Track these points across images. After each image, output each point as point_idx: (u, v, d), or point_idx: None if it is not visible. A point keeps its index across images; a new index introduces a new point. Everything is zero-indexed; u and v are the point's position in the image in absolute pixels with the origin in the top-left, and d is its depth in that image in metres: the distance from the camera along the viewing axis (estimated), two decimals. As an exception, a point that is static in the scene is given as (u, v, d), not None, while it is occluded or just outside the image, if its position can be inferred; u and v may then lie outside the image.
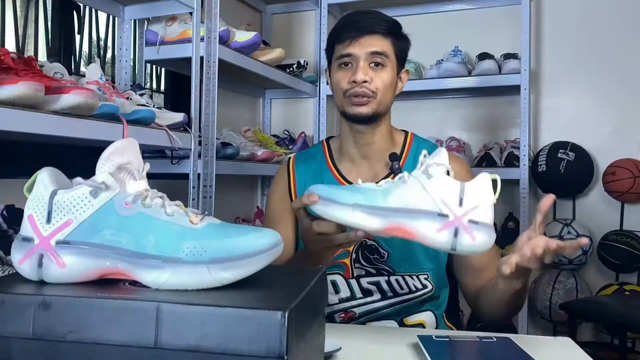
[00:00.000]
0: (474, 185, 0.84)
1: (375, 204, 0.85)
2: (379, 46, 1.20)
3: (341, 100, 1.23)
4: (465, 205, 0.82)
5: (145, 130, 1.51)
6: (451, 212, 0.82)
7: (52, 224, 0.64)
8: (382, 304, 1.22)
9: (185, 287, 0.61)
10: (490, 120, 2.91)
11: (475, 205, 0.82)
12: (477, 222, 0.82)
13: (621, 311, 2.17)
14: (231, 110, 2.71)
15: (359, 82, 1.19)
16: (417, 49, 2.82)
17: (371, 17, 1.23)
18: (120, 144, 0.66)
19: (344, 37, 1.21)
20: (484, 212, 0.83)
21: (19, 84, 1.07)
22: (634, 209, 2.70)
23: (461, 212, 0.82)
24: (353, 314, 1.24)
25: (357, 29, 1.20)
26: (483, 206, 0.83)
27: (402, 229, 0.85)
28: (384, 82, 1.21)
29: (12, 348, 0.56)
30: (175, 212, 0.64)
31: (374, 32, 1.20)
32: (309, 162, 1.33)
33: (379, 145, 1.26)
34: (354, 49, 1.20)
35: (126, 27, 1.91)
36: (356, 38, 1.20)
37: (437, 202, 0.83)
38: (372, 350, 0.93)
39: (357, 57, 1.20)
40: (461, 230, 0.82)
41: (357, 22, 1.21)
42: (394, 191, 0.86)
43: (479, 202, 0.83)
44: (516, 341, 0.90)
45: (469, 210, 0.82)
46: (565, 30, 2.80)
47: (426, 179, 0.85)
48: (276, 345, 0.51)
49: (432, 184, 0.84)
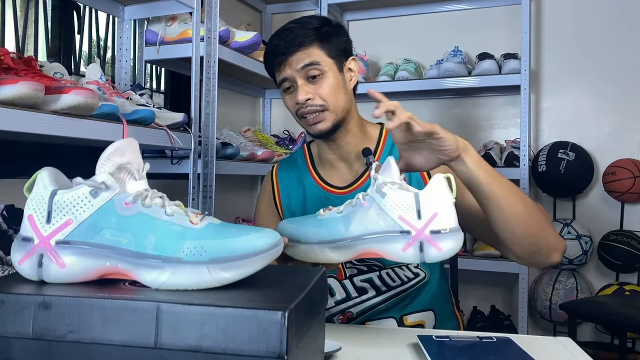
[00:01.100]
0: (429, 192, 0.81)
1: (338, 237, 0.85)
2: (305, 59, 1.17)
3: (299, 122, 1.23)
4: (424, 217, 0.80)
5: (145, 130, 1.51)
6: (412, 228, 0.80)
7: (52, 224, 0.64)
8: (378, 300, 1.22)
9: (185, 287, 0.61)
10: (490, 120, 2.92)
11: (434, 213, 0.80)
12: (439, 230, 0.80)
13: (621, 311, 2.17)
14: (231, 110, 2.72)
15: (302, 102, 1.17)
16: (417, 49, 2.86)
17: (290, 34, 1.18)
18: (120, 144, 0.66)
19: (275, 64, 1.20)
20: (444, 218, 0.80)
21: (19, 84, 1.07)
22: (634, 209, 2.70)
23: (421, 225, 0.80)
24: (351, 314, 1.24)
25: (282, 52, 1.18)
26: (442, 212, 0.80)
27: (370, 252, 0.85)
28: (328, 91, 1.17)
29: (12, 348, 0.56)
30: (175, 212, 0.64)
31: (297, 48, 1.17)
32: (291, 169, 1.34)
33: (353, 146, 1.24)
34: (285, 72, 1.18)
35: (126, 27, 1.92)
36: (283, 61, 1.18)
37: (395, 220, 0.81)
38: (372, 350, 0.93)
39: (292, 77, 1.18)
40: (425, 243, 0.80)
41: (278, 46, 1.19)
42: (354, 217, 0.85)
43: (437, 208, 0.80)
44: (516, 341, 0.90)
45: (429, 221, 0.80)
46: (565, 30, 2.80)
47: (380, 198, 0.83)
48: (276, 345, 0.51)
49: (387, 202, 0.82)
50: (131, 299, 0.56)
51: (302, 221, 0.92)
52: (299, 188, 1.30)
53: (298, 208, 1.28)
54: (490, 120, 2.91)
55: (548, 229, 1.06)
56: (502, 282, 2.77)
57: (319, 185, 1.28)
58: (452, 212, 0.81)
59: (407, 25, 2.95)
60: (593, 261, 2.72)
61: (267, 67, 1.25)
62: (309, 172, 1.31)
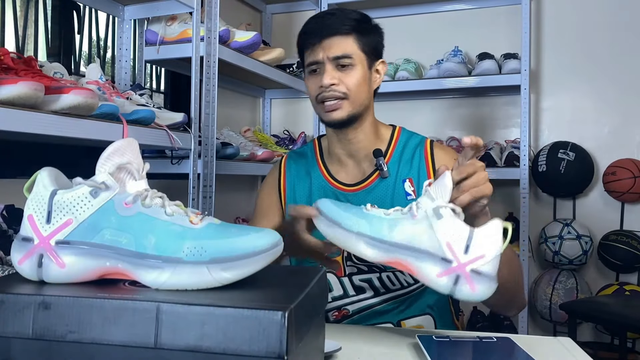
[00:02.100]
0: (484, 233, 0.80)
1: (379, 236, 0.83)
2: (341, 49, 1.18)
3: (316, 107, 1.23)
4: (470, 254, 0.79)
5: (145, 130, 1.50)
6: (455, 259, 0.79)
7: (52, 224, 0.64)
8: (375, 301, 1.22)
9: (185, 287, 0.61)
10: (490, 120, 2.92)
11: (480, 255, 0.79)
12: (480, 272, 0.79)
13: (621, 311, 2.17)
14: (231, 110, 2.72)
15: (326, 86, 1.18)
16: (417, 49, 2.86)
17: (331, 18, 1.20)
18: (120, 144, 0.66)
19: (308, 44, 1.21)
20: (488, 263, 0.79)
21: (18, 84, 1.07)
22: (634, 209, 2.70)
23: (465, 260, 0.79)
24: (346, 312, 1.24)
25: (318, 34, 1.19)
26: (488, 256, 0.79)
27: (402, 264, 0.83)
28: (354, 81, 1.18)
29: (12, 348, 0.56)
30: (175, 212, 0.64)
31: (334, 34, 1.18)
32: (300, 161, 1.34)
33: (363, 144, 1.25)
34: (317, 55, 1.19)
35: (126, 27, 1.91)
36: (318, 43, 1.19)
37: (442, 245, 0.80)
38: (372, 350, 0.93)
39: (322, 61, 1.19)
40: (462, 278, 0.79)
41: (317, 27, 1.20)
42: (401, 224, 0.83)
43: (486, 251, 0.79)
44: (516, 341, 0.90)
45: (474, 260, 0.79)
46: (565, 30, 2.80)
47: (435, 219, 0.81)
48: (276, 345, 0.51)
49: (440, 226, 0.80)
50: (131, 299, 0.56)
51: (346, 207, 0.90)
52: (306, 180, 1.30)
53: (303, 200, 1.28)
54: (490, 120, 2.91)
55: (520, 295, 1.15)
56: (502, 282, 2.77)
57: (326, 180, 1.28)
58: (497, 261, 0.80)
59: (407, 25, 2.95)
60: (593, 261, 2.72)
61: (299, 45, 1.25)
62: (318, 165, 1.31)
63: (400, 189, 1.22)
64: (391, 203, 1.19)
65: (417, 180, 1.21)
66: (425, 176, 1.21)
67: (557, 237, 2.63)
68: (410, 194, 1.21)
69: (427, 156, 1.24)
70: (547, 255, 2.67)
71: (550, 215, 2.80)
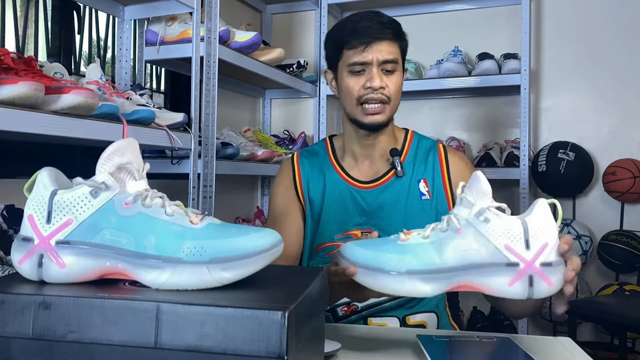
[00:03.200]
0: (536, 219, 0.74)
1: (431, 267, 0.75)
2: (391, 53, 1.20)
3: (353, 108, 1.23)
4: (533, 247, 0.73)
5: (145, 130, 1.50)
6: (520, 259, 0.73)
7: (52, 224, 0.64)
8: (383, 298, 1.22)
9: (185, 287, 0.61)
10: (490, 120, 2.91)
11: (544, 244, 0.73)
12: (550, 262, 0.73)
13: (621, 311, 2.17)
14: (231, 110, 2.72)
15: (375, 88, 1.19)
16: (417, 49, 2.84)
17: (378, 21, 1.21)
18: (120, 144, 0.66)
19: (356, 44, 1.20)
20: (553, 248, 0.73)
21: (19, 84, 1.07)
22: (634, 209, 2.70)
23: (531, 257, 0.73)
24: (355, 308, 1.24)
25: (369, 35, 1.19)
26: (551, 242, 0.73)
27: (468, 286, 0.76)
28: (397, 87, 1.22)
29: (12, 348, 0.56)
30: (175, 212, 0.64)
31: (386, 38, 1.20)
32: (312, 159, 1.34)
33: (382, 145, 1.28)
34: (367, 56, 1.19)
35: (126, 27, 1.91)
36: (369, 44, 1.19)
37: (501, 250, 0.73)
38: (372, 350, 0.93)
39: (371, 63, 1.20)
40: (536, 277, 0.73)
41: (368, 28, 1.20)
42: (449, 244, 0.75)
43: (547, 238, 0.73)
44: (516, 341, 0.90)
45: (539, 252, 0.73)
46: (565, 30, 2.80)
47: (482, 224, 0.74)
48: (276, 345, 0.51)
49: (490, 229, 0.74)
50: (131, 299, 0.56)
51: (378, 246, 0.80)
52: (320, 177, 1.30)
53: (318, 197, 1.28)
54: (490, 120, 2.91)
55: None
56: (502, 282, 2.77)
57: (340, 177, 1.29)
58: (558, 241, 0.75)
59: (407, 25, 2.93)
60: (593, 261, 2.72)
61: (338, 42, 1.23)
62: (331, 163, 1.32)
63: (415, 189, 1.24)
64: (406, 202, 1.23)
65: (432, 181, 1.25)
66: (439, 178, 1.25)
67: (557, 237, 2.63)
68: (424, 194, 1.24)
69: (441, 159, 1.28)
70: (547, 255, 2.67)
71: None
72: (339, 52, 1.24)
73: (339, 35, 1.24)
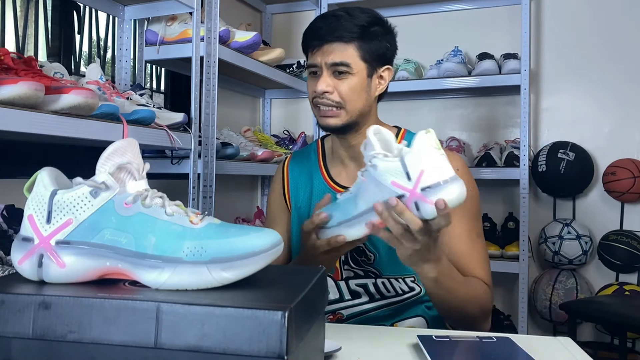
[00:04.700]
0: (413, 152, 0.84)
1: (349, 216, 0.94)
2: (339, 56, 1.15)
3: (313, 110, 1.22)
4: (412, 177, 0.84)
5: (145, 130, 1.50)
6: (405, 190, 0.84)
7: (52, 224, 0.64)
8: (369, 307, 1.22)
9: (185, 287, 0.61)
10: (490, 120, 2.91)
11: (420, 172, 0.83)
12: (430, 186, 0.82)
13: (621, 311, 2.17)
14: (231, 110, 2.72)
15: (319, 93, 1.16)
16: (417, 49, 2.86)
17: (336, 22, 1.16)
18: (120, 144, 0.66)
19: (309, 45, 1.19)
20: (431, 173, 0.83)
21: (19, 84, 1.07)
22: (634, 209, 2.70)
23: (412, 186, 0.84)
24: (341, 316, 1.24)
25: (319, 37, 1.16)
26: (428, 167, 0.83)
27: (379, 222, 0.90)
28: (348, 91, 1.15)
29: (12, 348, 0.56)
30: (175, 212, 0.64)
31: (335, 40, 1.15)
32: (302, 163, 1.33)
33: None
34: (316, 59, 1.17)
35: (126, 27, 1.91)
36: (318, 47, 1.16)
37: (390, 187, 0.86)
38: (372, 350, 0.93)
39: (320, 65, 1.17)
40: (420, 202, 0.83)
41: (319, 30, 1.17)
42: (360, 195, 0.92)
43: (423, 165, 0.83)
44: (516, 341, 0.90)
45: (418, 180, 0.83)
46: (565, 30, 2.80)
47: (374, 171, 0.88)
48: (276, 345, 0.51)
49: (379, 173, 0.87)
50: (131, 299, 0.56)
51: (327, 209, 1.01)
52: (308, 182, 1.29)
53: (304, 203, 1.28)
54: (490, 120, 2.91)
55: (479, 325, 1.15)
56: (502, 282, 2.77)
57: (326, 183, 1.27)
58: (442, 164, 0.83)
59: (407, 25, 2.94)
60: (593, 261, 2.72)
61: (303, 43, 1.24)
62: (319, 167, 1.30)
63: None
64: None
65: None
66: None
67: (557, 237, 2.63)
68: None
69: None
70: (547, 255, 2.67)
71: (550, 215, 2.80)
72: (306, 53, 1.23)
73: (303, 36, 1.23)
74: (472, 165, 2.66)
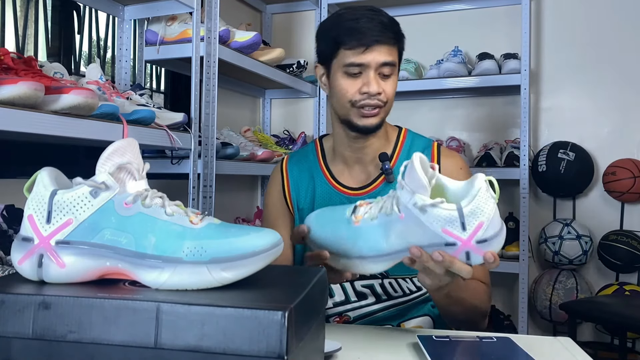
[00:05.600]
0: (472, 202, 0.78)
1: (379, 252, 0.85)
2: (391, 57, 1.14)
3: (347, 109, 1.17)
4: (468, 228, 0.78)
5: (145, 130, 1.50)
6: (457, 240, 0.79)
7: (52, 224, 0.64)
8: (376, 307, 1.21)
9: (185, 287, 0.61)
10: (490, 120, 2.91)
11: (479, 224, 0.78)
12: (486, 239, 0.78)
13: (621, 311, 2.17)
14: (231, 110, 2.72)
15: (372, 94, 1.14)
16: (417, 49, 2.86)
17: (380, 22, 1.14)
18: (120, 144, 0.66)
19: (355, 45, 1.13)
20: (488, 225, 0.78)
21: (19, 84, 1.07)
22: (634, 209, 2.70)
23: (467, 236, 0.78)
24: (348, 318, 1.23)
25: (369, 37, 1.12)
26: (486, 220, 0.78)
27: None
28: (392, 92, 1.17)
29: (12, 348, 0.56)
30: (175, 212, 0.64)
31: (386, 41, 1.13)
32: (301, 164, 1.30)
33: (373, 148, 1.22)
34: (366, 59, 1.13)
35: (126, 27, 1.91)
36: (369, 47, 1.12)
37: (440, 234, 0.79)
38: (372, 350, 0.93)
39: (369, 66, 1.13)
40: (472, 253, 0.79)
41: (369, 30, 1.13)
42: (393, 229, 0.83)
43: (482, 218, 0.78)
44: (516, 341, 0.90)
45: (475, 232, 0.78)
46: (565, 30, 2.80)
47: (421, 214, 0.79)
48: (276, 345, 0.51)
49: (429, 219, 0.79)
50: (131, 299, 0.56)
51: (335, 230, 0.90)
52: (309, 183, 1.27)
53: (307, 204, 1.26)
54: (490, 120, 2.91)
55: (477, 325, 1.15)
56: (502, 282, 2.77)
57: (330, 184, 1.25)
58: (496, 214, 0.79)
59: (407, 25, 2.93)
60: (593, 261, 2.72)
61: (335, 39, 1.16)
62: (320, 168, 1.28)
63: None
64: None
65: None
66: None
67: (557, 237, 2.63)
68: None
69: (433, 161, 1.22)
70: (547, 255, 2.67)
71: (550, 215, 2.80)
72: (335, 49, 1.16)
73: (336, 31, 1.16)
74: (472, 165, 2.66)
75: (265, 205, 1.35)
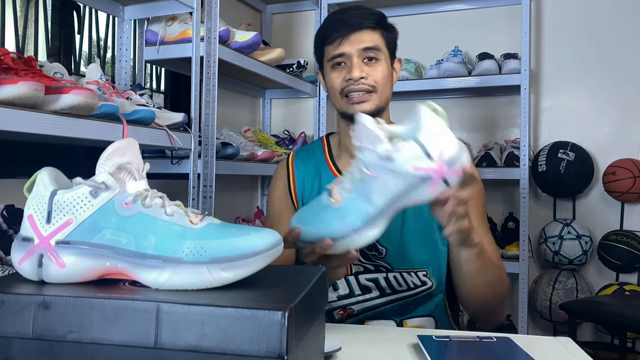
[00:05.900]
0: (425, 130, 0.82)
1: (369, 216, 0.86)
2: (370, 41, 1.19)
3: (339, 101, 1.22)
4: (433, 154, 0.82)
5: (145, 130, 1.50)
6: (430, 171, 0.82)
7: (52, 224, 0.64)
8: (380, 301, 1.22)
9: (185, 287, 0.61)
10: (490, 120, 2.91)
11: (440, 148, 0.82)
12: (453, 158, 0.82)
13: (621, 311, 2.17)
14: (231, 110, 2.72)
15: (355, 80, 1.17)
16: (417, 49, 2.87)
17: (356, 12, 1.20)
18: (120, 144, 0.66)
19: (334, 37, 1.20)
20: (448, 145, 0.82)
21: (19, 84, 1.07)
22: (634, 209, 2.70)
23: (436, 164, 0.82)
24: (351, 311, 1.23)
25: (345, 27, 1.19)
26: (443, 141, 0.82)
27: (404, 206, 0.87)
28: (381, 75, 1.19)
29: (12, 348, 0.56)
30: (175, 212, 0.64)
31: (362, 27, 1.18)
32: (308, 159, 1.32)
33: None
34: (345, 48, 1.19)
35: (126, 27, 1.91)
36: (345, 36, 1.18)
37: (412, 172, 0.82)
38: (372, 350, 0.93)
39: (350, 55, 1.18)
40: (448, 177, 0.83)
41: (344, 20, 1.19)
42: (371, 190, 0.85)
43: (439, 140, 0.82)
44: (516, 341, 0.90)
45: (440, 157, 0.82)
46: (565, 30, 2.80)
47: (389, 162, 0.83)
48: (276, 345, 0.51)
49: (397, 164, 0.82)
50: (131, 299, 0.56)
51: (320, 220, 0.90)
52: (315, 178, 1.28)
53: (312, 198, 1.24)
54: (490, 120, 2.91)
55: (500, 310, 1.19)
56: (502, 282, 2.77)
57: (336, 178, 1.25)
58: (448, 131, 0.83)
59: (407, 25, 2.93)
60: (593, 261, 2.72)
61: (320, 39, 1.24)
62: (327, 164, 1.30)
63: None
64: None
65: None
66: None
67: (557, 237, 2.63)
68: None
69: None
70: (547, 255, 2.67)
71: (550, 215, 2.80)
72: (322, 48, 1.23)
73: (320, 32, 1.24)
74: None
75: (270, 200, 1.36)
